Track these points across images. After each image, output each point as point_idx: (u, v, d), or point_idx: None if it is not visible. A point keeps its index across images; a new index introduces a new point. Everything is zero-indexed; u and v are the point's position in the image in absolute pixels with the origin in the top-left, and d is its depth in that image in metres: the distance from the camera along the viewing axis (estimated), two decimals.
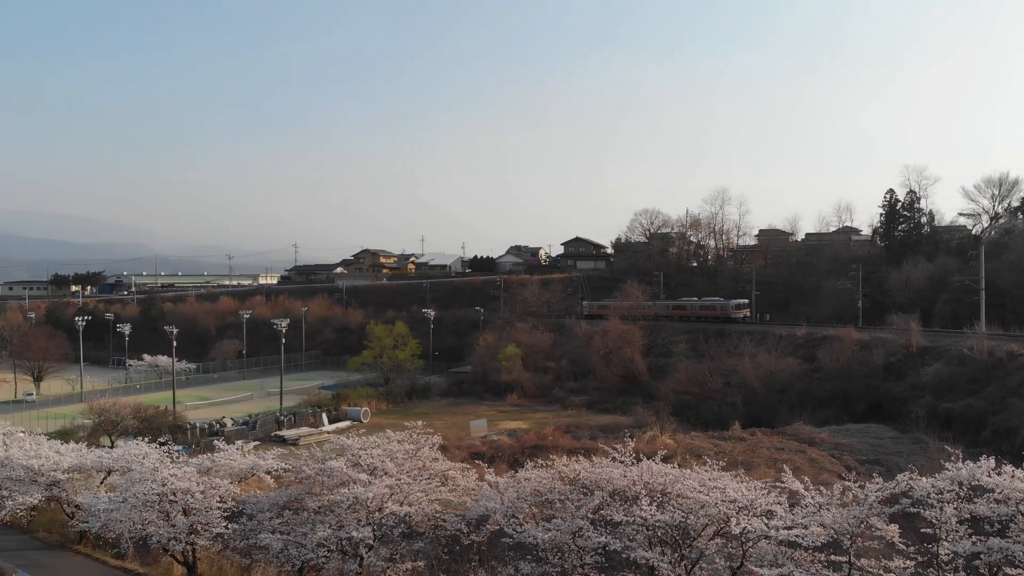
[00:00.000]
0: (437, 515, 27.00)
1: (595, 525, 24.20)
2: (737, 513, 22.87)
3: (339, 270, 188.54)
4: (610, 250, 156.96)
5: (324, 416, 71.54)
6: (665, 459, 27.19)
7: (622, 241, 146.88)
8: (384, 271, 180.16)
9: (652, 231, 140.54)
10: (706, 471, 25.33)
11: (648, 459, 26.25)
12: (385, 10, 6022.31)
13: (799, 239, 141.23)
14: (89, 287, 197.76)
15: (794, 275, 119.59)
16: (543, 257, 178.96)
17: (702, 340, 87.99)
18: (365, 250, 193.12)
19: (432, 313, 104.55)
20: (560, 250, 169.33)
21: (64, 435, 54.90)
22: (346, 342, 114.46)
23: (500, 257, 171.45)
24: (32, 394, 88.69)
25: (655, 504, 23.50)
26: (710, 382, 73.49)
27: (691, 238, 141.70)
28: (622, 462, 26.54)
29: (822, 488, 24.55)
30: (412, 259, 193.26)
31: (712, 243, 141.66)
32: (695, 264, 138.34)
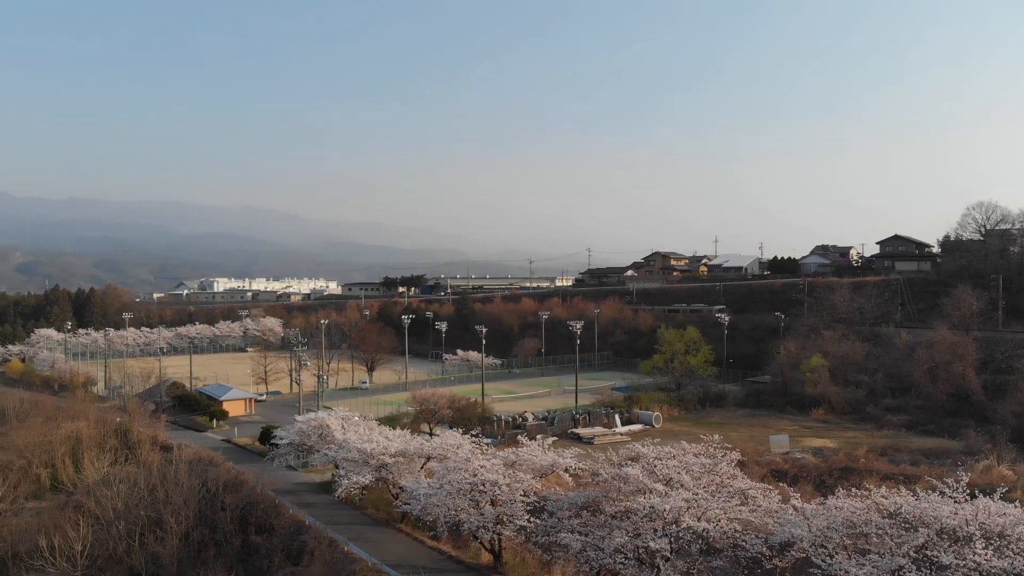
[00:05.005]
0: (736, 534, 26.05)
1: (918, 565, 22.23)
2: None
3: (629, 272, 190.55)
4: (936, 249, 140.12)
5: (617, 417, 72.58)
6: (1005, 495, 23.87)
7: (951, 239, 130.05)
8: (675, 273, 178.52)
9: (988, 227, 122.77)
10: None
11: (984, 495, 23.79)
12: (687, 21, 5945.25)
13: None
14: (412, 288, 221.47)
15: None
16: (854, 257, 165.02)
17: None
18: (655, 252, 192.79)
19: (726, 318, 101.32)
20: (875, 249, 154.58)
21: (391, 421, 61.87)
22: (636, 344, 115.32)
23: (803, 258, 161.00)
24: (366, 382, 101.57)
25: (991, 548, 21.54)
26: None
27: None
28: (952, 497, 23.98)
29: None
30: (704, 261, 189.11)
31: None
32: None
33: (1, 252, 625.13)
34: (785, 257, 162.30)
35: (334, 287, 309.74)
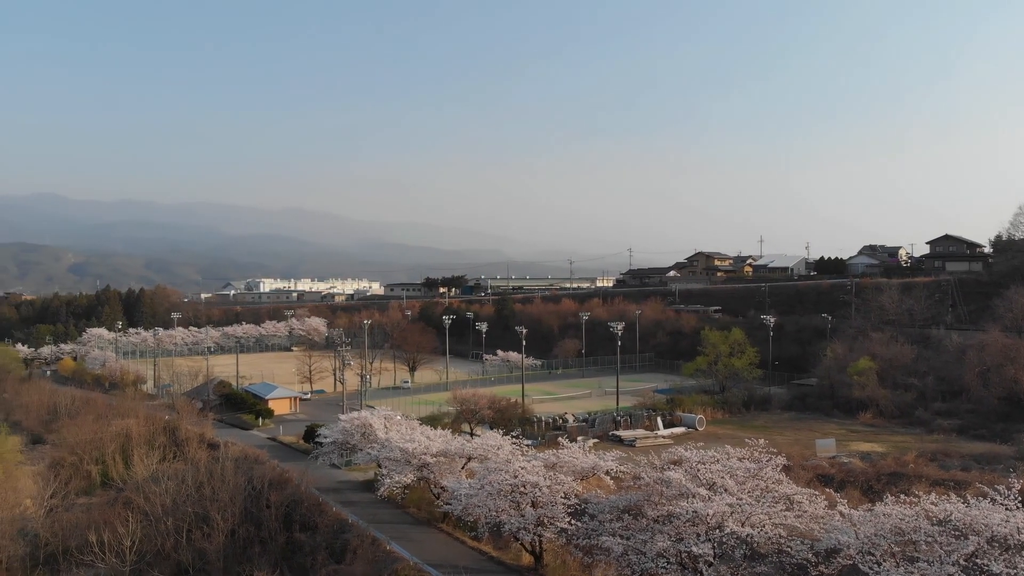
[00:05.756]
0: (781, 540, 25.64)
1: (968, 574, 21.81)
2: None
3: (672, 273, 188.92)
4: (988, 249, 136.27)
5: (659, 420, 71.91)
6: None
7: (1003, 239, 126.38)
8: (719, 274, 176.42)
9: None
10: None
11: None
12: (739, 19, 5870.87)
13: None
14: (453, 289, 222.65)
15: None
16: (903, 257, 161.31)
17: None
18: (699, 252, 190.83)
19: (771, 319, 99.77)
20: (925, 249, 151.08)
21: (432, 420, 62.21)
22: (679, 346, 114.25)
23: (851, 258, 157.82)
24: (408, 382, 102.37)
25: None
26: None
27: None
28: (1003, 504, 23.47)
29: None
30: (749, 261, 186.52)
31: None
32: None
33: (54, 253, 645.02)
34: (832, 257, 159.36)
35: (377, 287, 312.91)
